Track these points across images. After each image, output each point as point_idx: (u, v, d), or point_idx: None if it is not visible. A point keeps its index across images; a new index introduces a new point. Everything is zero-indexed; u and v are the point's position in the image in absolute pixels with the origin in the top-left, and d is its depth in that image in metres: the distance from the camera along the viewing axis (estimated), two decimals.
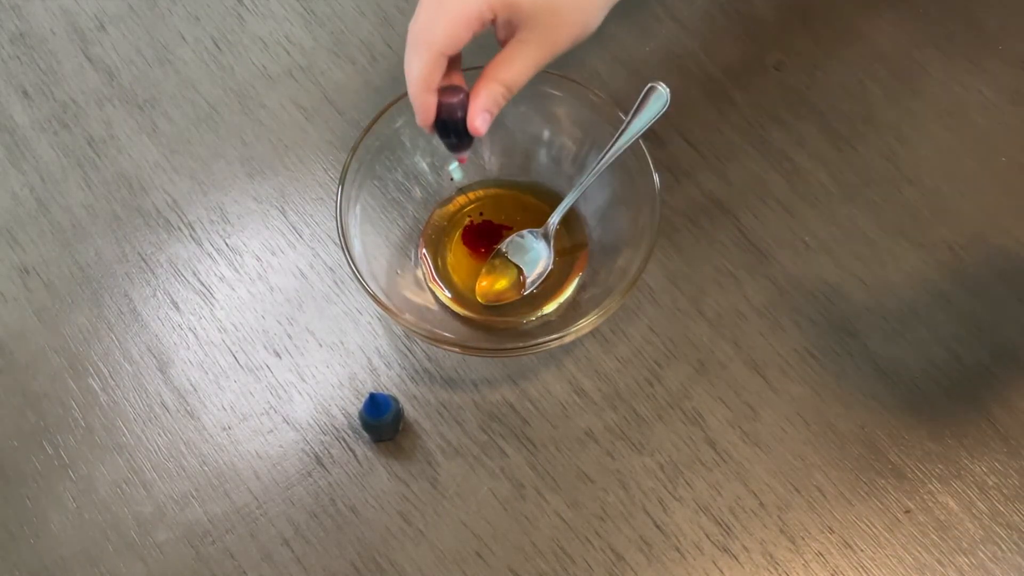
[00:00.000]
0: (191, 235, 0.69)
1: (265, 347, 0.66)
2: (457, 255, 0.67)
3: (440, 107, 0.56)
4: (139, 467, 0.63)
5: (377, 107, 0.64)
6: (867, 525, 0.61)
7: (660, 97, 0.62)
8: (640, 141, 0.62)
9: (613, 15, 0.57)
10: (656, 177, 0.61)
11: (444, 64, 0.55)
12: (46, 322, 0.67)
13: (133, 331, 0.66)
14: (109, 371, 0.65)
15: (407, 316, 0.61)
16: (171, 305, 0.67)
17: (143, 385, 0.65)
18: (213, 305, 0.67)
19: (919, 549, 0.60)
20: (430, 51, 0.54)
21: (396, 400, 0.62)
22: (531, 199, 0.68)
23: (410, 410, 0.64)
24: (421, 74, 0.54)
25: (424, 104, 0.56)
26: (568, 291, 0.66)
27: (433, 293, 0.66)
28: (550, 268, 0.65)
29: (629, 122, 0.62)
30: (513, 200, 0.69)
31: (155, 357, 0.66)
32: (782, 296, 0.66)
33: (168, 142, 0.72)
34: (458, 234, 0.68)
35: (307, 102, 0.73)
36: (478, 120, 0.55)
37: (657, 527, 0.61)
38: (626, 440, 0.63)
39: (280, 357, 0.65)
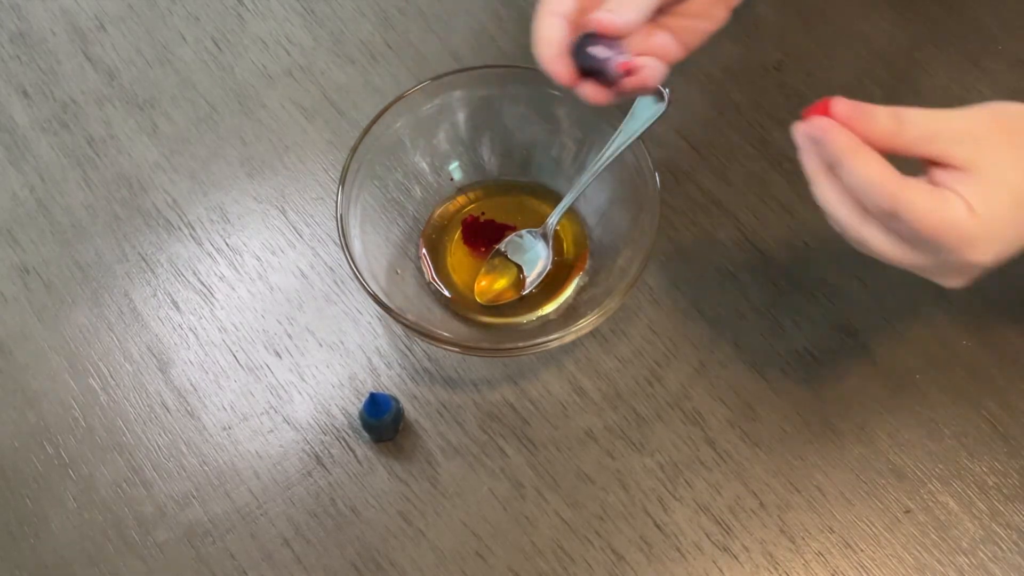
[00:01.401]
0: (191, 235, 0.69)
1: (265, 347, 0.66)
2: (457, 255, 0.67)
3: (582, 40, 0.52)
4: (139, 467, 0.63)
5: (377, 107, 0.64)
6: (867, 525, 0.61)
7: (659, 97, 0.62)
8: (640, 141, 0.62)
9: None
10: (656, 177, 0.61)
11: None
12: (46, 322, 0.67)
13: (133, 331, 0.66)
14: (109, 371, 0.65)
15: (407, 316, 0.61)
16: (171, 305, 0.67)
17: (143, 385, 0.65)
18: (213, 305, 0.67)
19: (919, 549, 0.60)
20: None
21: (396, 400, 0.62)
22: (531, 199, 0.68)
23: (410, 410, 0.64)
24: None
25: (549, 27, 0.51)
26: (568, 291, 0.66)
27: (433, 293, 0.66)
28: (549, 268, 0.65)
29: (628, 122, 0.62)
30: (513, 200, 0.69)
31: (155, 357, 0.66)
32: (782, 296, 0.66)
33: (168, 142, 0.72)
34: (458, 234, 0.68)
35: (307, 102, 0.73)
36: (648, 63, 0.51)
37: (657, 527, 0.61)
38: (626, 440, 0.63)
39: (280, 357, 0.65)
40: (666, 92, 0.61)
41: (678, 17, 0.56)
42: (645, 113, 0.62)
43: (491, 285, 0.66)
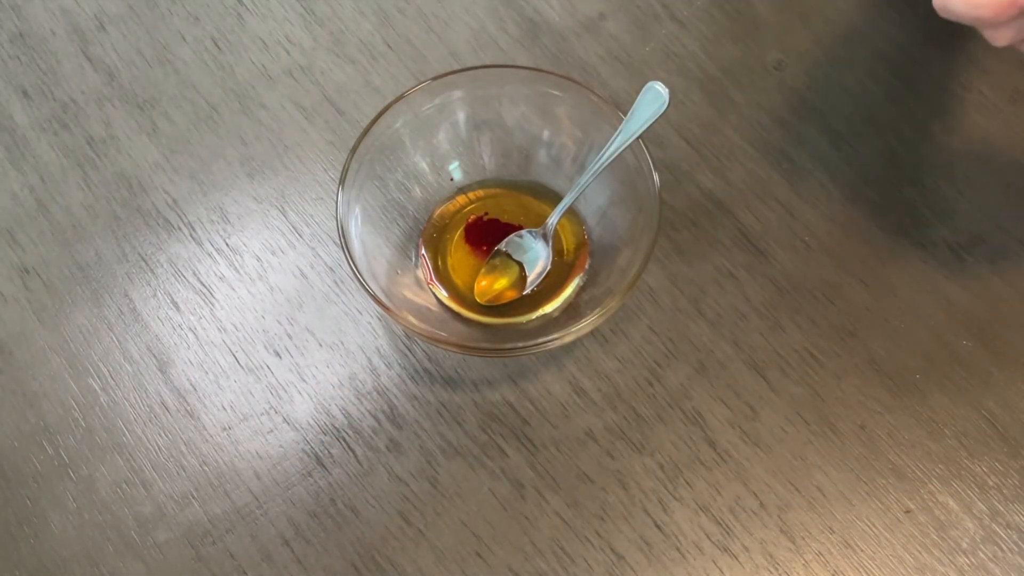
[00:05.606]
0: (191, 235, 0.69)
1: (265, 347, 0.66)
2: (458, 255, 0.67)
3: None
4: (139, 467, 0.63)
5: (377, 107, 0.64)
6: (867, 525, 0.61)
7: (659, 97, 0.62)
8: (640, 141, 0.62)
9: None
10: (656, 177, 0.61)
11: None
12: (46, 322, 0.67)
13: (133, 331, 0.66)
14: (109, 371, 0.65)
15: (407, 316, 0.61)
16: (171, 305, 0.67)
17: (143, 385, 0.65)
18: (213, 305, 0.67)
19: (919, 549, 0.60)
20: None
21: None
22: (531, 199, 0.68)
23: (410, 410, 0.64)
24: None
25: None
26: (568, 291, 0.66)
27: (433, 293, 0.66)
28: (548, 268, 0.65)
29: (628, 122, 0.62)
30: (513, 200, 0.69)
31: (155, 357, 0.66)
32: (782, 296, 0.66)
33: (168, 142, 0.72)
34: (459, 234, 0.68)
35: (307, 102, 0.73)
36: None
37: (657, 527, 0.61)
38: (626, 440, 0.63)
39: (280, 357, 0.65)
40: (665, 91, 0.62)
41: None
42: (645, 113, 0.62)
43: (491, 285, 0.66)
